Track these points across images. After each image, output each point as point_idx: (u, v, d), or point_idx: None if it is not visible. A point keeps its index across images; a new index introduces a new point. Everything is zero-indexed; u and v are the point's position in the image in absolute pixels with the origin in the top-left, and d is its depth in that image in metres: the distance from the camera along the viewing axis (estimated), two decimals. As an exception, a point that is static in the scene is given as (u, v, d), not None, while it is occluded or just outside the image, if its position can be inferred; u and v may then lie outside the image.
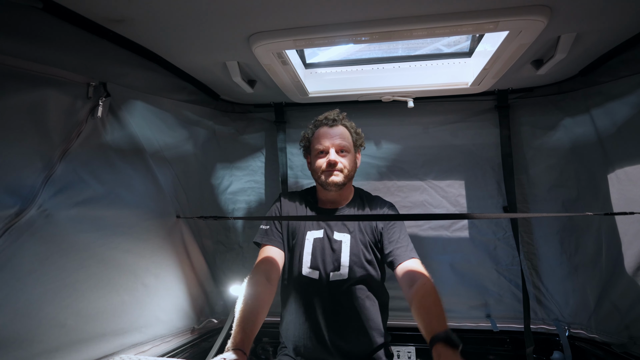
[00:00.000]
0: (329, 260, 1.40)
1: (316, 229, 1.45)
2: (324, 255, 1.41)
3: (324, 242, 1.43)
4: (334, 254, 1.41)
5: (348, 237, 1.42)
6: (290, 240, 1.48)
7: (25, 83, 1.00)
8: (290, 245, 1.47)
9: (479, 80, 1.59)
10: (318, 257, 1.41)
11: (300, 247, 1.44)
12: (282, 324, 1.52)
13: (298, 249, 1.44)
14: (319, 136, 1.45)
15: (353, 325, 1.39)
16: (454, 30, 1.15)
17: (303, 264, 1.42)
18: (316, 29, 1.16)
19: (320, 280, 1.39)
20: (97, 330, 1.18)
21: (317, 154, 1.45)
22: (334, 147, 1.42)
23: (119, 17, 1.07)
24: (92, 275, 1.18)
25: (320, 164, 1.42)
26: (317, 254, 1.42)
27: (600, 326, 1.60)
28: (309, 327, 1.40)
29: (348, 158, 1.44)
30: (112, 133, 1.29)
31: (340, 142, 1.43)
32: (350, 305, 1.39)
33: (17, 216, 0.96)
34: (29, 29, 0.98)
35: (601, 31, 1.22)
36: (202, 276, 1.75)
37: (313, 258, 1.42)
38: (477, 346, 1.84)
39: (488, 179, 1.88)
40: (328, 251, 1.41)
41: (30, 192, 1.01)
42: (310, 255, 1.42)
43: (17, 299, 0.95)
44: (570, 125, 1.72)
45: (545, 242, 1.81)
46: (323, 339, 1.38)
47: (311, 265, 1.41)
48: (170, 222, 1.56)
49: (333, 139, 1.43)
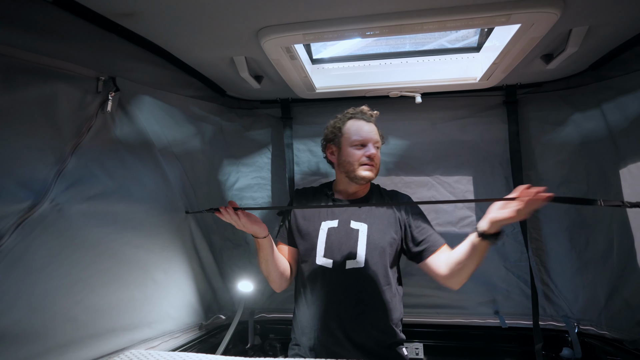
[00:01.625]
0: (344, 248, 1.39)
1: (331, 219, 1.45)
2: (340, 243, 1.40)
3: (339, 230, 1.42)
4: (349, 242, 1.40)
5: (365, 226, 1.41)
6: (303, 233, 1.47)
7: (36, 77, 0.99)
8: (304, 238, 1.46)
9: (487, 75, 1.57)
10: (333, 246, 1.40)
11: (314, 237, 1.44)
12: (294, 319, 1.50)
13: (312, 240, 1.44)
14: (358, 129, 1.46)
15: (369, 316, 1.36)
16: (465, 23, 1.14)
17: (317, 253, 1.41)
18: (326, 22, 1.15)
19: (335, 269, 1.38)
20: (108, 325, 1.18)
21: (355, 145, 1.44)
22: (371, 142, 1.44)
23: (128, 10, 1.07)
24: (104, 271, 1.18)
25: (358, 156, 1.42)
26: (331, 243, 1.41)
27: (611, 322, 1.58)
28: (322, 317, 1.37)
29: (379, 154, 1.47)
30: (122, 128, 1.29)
31: (377, 138, 1.47)
32: (367, 296, 1.36)
33: (30, 210, 0.96)
34: (39, 22, 0.98)
35: (614, 24, 1.21)
36: (210, 272, 1.75)
37: (327, 247, 1.41)
38: (485, 343, 1.84)
39: (496, 174, 1.87)
40: (343, 239, 1.40)
41: (42, 186, 1.01)
42: (324, 244, 1.42)
43: (30, 294, 0.95)
44: (580, 120, 1.71)
45: (554, 238, 1.80)
46: (336, 329, 1.35)
47: (325, 254, 1.40)
48: (179, 218, 1.56)
49: (371, 134, 1.45)
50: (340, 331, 1.35)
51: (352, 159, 1.43)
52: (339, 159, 1.49)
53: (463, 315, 1.86)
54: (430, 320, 1.87)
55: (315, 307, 1.40)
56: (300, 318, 1.46)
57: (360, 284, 1.37)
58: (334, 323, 1.36)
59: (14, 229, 0.92)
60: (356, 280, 1.37)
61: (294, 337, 1.49)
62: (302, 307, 1.45)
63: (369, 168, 1.42)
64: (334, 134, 1.52)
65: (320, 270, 1.40)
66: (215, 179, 1.88)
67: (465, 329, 1.86)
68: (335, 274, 1.38)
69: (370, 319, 1.36)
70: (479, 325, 1.84)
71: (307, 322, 1.41)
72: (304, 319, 1.43)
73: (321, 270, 1.40)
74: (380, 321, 1.37)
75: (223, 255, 1.88)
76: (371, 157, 1.42)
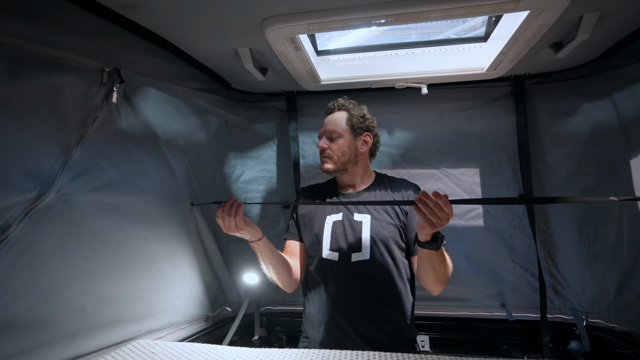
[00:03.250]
0: (350, 240, 1.39)
1: (335, 213, 1.47)
2: (345, 235, 1.40)
3: (343, 223, 1.43)
4: (354, 234, 1.39)
5: (369, 217, 1.41)
6: (309, 228, 1.49)
7: (41, 68, 1.00)
8: (311, 233, 1.48)
9: (495, 65, 1.55)
10: (338, 239, 1.41)
11: (319, 231, 1.45)
12: (304, 312, 1.50)
13: (318, 234, 1.45)
14: (323, 124, 1.52)
15: (378, 309, 1.34)
16: (472, 11, 1.12)
17: (323, 247, 1.42)
18: (330, 12, 1.14)
19: (341, 261, 1.38)
20: (115, 315, 1.20)
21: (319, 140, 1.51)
22: (325, 135, 1.48)
23: (132, 2, 1.06)
24: (110, 261, 1.19)
25: (319, 151, 1.50)
26: (336, 236, 1.41)
27: (620, 315, 1.56)
28: (330, 311, 1.37)
29: (338, 143, 1.45)
30: (127, 119, 1.30)
31: (330, 127, 1.47)
32: (374, 289, 1.35)
33: (36, 200, 0.97)
34: (43, 14, 0.98)
35: (626, 10, 1.18)
36: (216, 264, 1.75)
37: (333, 240, 1.41)
38: (491, 335, 1.83)
39: (504, 166, 1.85)
40: (348, 232, 1.40)
41: (49, 177, 1.01)
42: (329, 237, 1.42)
43: (38, 283, 0.96)
44: (590, 110, 1.67)
45: (562, 230, 1.77)
46: (344, 323, 1.34)
47: (331, 248, 1.41)
48: (185, 210, 1.57)
49: (325, 126, 1.49)
50: (348, 325, 1.34)
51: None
52: None
53: (469, 307, 1.85)
54: (436, 313, 1.87)
55: (323, 300, 1.39)
56: (309, 312, 1.46)
57: (366, 276, 1.35)
58: (342, 317, 1.35)
59: (21, 219, 0.93)
60: (362, 272, 1.35)
61: (304, 329, 1.50)
62: (310, 301, 1.45)
63: (324, 160, 1.47)
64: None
65: (328, 263, 1.40)
66: (221, 172, 1.88)
67: (471, 322, 1.85)
68: (341, 267, 1.37)
69: (380, 313, 1.34)
70: (486, 318, 1.83)
71: (316, 316, 1.41)
72: (313, 312, 1.43)
73: (328, 263, 1.40)
74: (391, 314, 1.35)
75: (229, 247, 1.88)
76: (321, 150, 1.47)
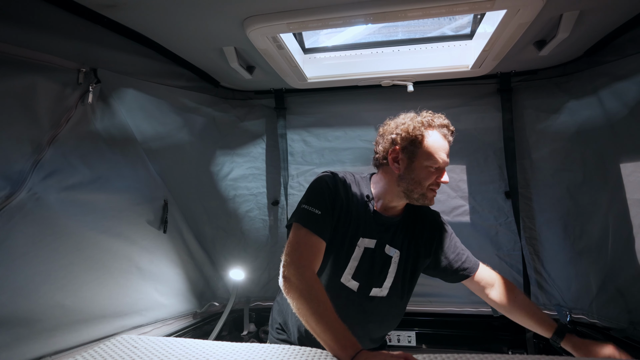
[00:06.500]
0: (375, 274, 1.25)
1: (369, 237, 1.24)
2: (372, 268, 1.24)
3: (375, 254, 1.25)
4: (381, 269, 1.25)
5: (398, 253, 1.28)
6: (339, 241, 1.23)
7: (14, 69, 1.01)
8: (338, 243, 1.22)
9: (479, 62, 1.55)
10: (364, 269, 1.24)
11: (348, 251, 1.23)
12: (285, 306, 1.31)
13: (345, 253, 1.23)
14: (439, 148, 1.21)
15: (371, 333, 1.31)
16: (449, 10, 1.13)
17: (346, 272, 1.23)
18: (310, 11, 1.15)
19: (359, 292, 1.23)
20: (97, 311, 1.22)
21: (432, 167, 1.20)
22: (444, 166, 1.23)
23: (110, 2, 1.07)
24: (86, 258, 1.21)
25: (431, 180, 1.21)
26: (363, 266, 1.24)
27: (601, 311, 1.58)
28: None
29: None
30: (102, 119, 1.31)
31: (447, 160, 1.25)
32: (379, 321, 1.29)
33: (7, 199, 0.99)
34: (18, 13, 0.99)
35: (605, 8, 1.18)
36: (199, 261, 1.77)
37: (358, 269, 1.23)
38: (477, 331, 1.85)
39: (490, 163, 1.85)
40: (377, 265, 1.25)
41: (19, 176, 1.03)
42: (356, 264, 1.23)
43: (14, 279, 0.98)
44: (576, 108, 1.68)
45: (548, 227, 1.78)
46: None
47: (354, 276, 1.23)
48: (160, 207, 1.58)
49: (445, 158, 1.22)
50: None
51: (424, 181, 1.20)
52: (406, 171, 1.22)
53: (455, 303, 1.87)
54: (423, 308, 1.89)
55: None
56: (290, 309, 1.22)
57: (376, 310, 1.27)
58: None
59: None
60: (374, 307, 1.26)
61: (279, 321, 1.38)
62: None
63: (435, 194, 1.24)
64: (411, 142, 1.21)
65: (344, 290, 1.23)
66: (207, 170, 1.89)
67: (457, 317, 1.87)
68: (356, 298, 1.24)
69: (370, 333, 1.31)
70: (471, 314, 1.85)
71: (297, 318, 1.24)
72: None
73: (344, 290, 1.23)
74: (381, 334, 1.36)
75: (216, 244, 1.90)
76: (439, 185, 1.23)
